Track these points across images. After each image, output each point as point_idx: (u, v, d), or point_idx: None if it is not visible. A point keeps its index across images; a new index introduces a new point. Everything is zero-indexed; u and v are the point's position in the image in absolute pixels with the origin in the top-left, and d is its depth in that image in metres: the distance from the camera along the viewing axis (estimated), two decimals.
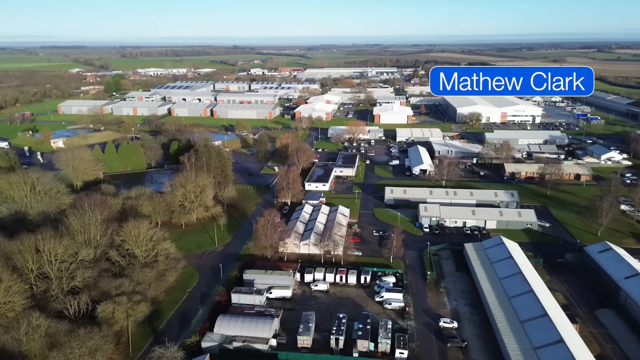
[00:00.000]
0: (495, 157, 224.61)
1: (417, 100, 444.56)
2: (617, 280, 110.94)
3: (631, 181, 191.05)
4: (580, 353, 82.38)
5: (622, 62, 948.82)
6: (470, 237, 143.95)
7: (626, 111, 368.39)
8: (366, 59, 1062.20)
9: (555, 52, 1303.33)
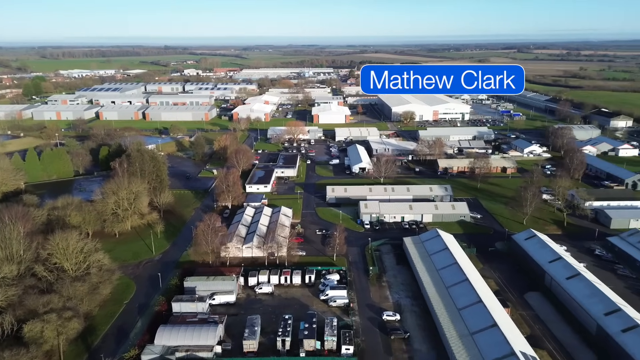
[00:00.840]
0: (429, 153, 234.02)
1: (354, 100, 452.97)
2: (542, 264, 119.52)
3: (551, 172, 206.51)
4: (512, 335, 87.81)
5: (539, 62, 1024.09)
6: (408, 231, 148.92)
7: (544, 107, 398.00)
8: (303, 59, 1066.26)
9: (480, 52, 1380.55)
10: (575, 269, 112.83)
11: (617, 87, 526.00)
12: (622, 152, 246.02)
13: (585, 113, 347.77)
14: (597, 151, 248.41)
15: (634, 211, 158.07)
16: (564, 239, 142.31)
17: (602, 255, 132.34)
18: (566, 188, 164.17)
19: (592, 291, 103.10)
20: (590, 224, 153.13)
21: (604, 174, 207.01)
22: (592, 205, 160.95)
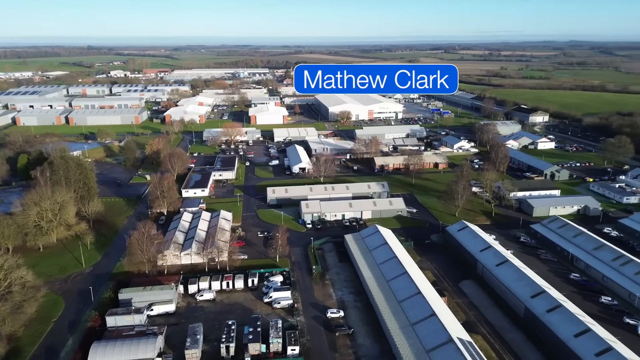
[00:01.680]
0: (366, 152, 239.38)
1: (291, 100, 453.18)
2: (474, 254, 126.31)
3: (479, 166, 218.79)
4: (449, 323, 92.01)
5: (464, 62, 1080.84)
6: (349, 228, 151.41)
7: (471, 105, 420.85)
8: (237, 59, 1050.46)
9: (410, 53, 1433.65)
10: (503, 256, 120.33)
11: (534, 85, 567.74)
12: (541, 145, 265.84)
13: (507, 110, 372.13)
14: (519, 145, 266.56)
15: (553, 199, 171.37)
16: (492, 229, 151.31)
17: (526, 241, 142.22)
18: (493, 180, 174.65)
19: (519, 276, 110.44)
20: (515, 213, 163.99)
21: (526, 166, 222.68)
22: (516, 195, 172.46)
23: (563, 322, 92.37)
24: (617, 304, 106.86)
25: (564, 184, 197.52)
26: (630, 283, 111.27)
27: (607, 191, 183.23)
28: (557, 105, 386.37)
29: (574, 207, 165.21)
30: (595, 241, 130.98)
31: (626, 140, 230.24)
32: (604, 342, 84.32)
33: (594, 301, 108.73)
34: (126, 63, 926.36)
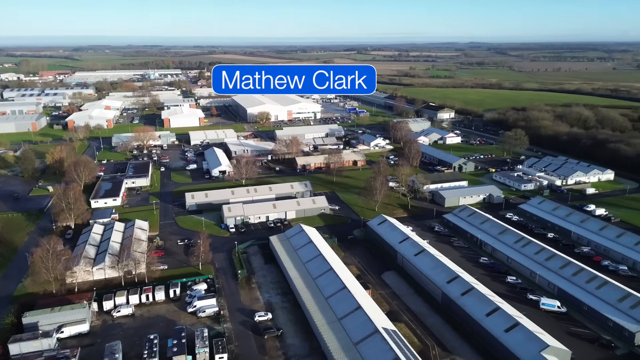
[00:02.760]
0: (287, 152, 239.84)
1: (207, 102, 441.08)
2: (393, 245, 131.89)
3: (394, 162, 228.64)
4: (374, 314, 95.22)
5: (376, 62, 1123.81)
6: (274, 229, 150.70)
7: (384, 104, 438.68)
8: (146, 60, 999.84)
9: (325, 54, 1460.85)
10: (420, 246, 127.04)
11: (440, 83, 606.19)
12: (449, 140, 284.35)
13: (417, 108, 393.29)
14: (429, 141, 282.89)
15: (462, 190, 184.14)
16: (409, 220, 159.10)
17: (440, 230, 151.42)
18: (407, 175, 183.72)
19: (435, 264, 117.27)
20: (429, 205, 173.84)
21: (436, 160, 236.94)
22: (429, 188, 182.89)
23: (475, 303, 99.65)
24: (520, 282, 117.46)
25: (471, 175, 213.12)
26: (531, 262, 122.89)
27: (507, 180, 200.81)
28: (461, 102, 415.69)
29: (480, 196, 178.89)
30: (500, 226, 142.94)
31: (521, 133, 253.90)
32: (512, 319, 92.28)
33: (501, 281, 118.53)
34: (19, 65, 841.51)
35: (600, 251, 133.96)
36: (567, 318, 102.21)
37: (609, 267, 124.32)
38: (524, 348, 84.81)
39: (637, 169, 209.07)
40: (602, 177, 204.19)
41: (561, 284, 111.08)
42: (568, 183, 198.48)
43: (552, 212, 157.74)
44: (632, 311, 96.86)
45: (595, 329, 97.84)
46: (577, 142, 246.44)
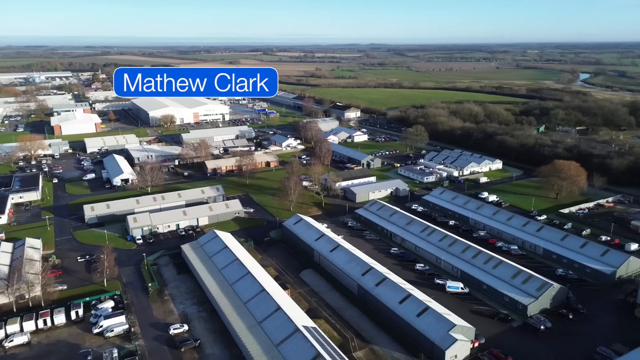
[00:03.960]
0: (195, 156, 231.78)
1: (104, 106, 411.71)
2: (310, 244, 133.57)
3: (307, 161, 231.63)
4: (294, 314, 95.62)
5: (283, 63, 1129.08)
6: (186, 237, 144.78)
7: (293, 104, 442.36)
8: (30, 62, 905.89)
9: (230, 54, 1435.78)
10: (335, 241, 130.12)
11: (345, 84, 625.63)
12: (357, 138, 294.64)
13: (325, 107, 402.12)
14: (338, 139, 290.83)
15: (371, 185, 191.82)
16: (324, 218, 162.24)
17: (353, 225, 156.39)
18: (320, 174, 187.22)
19: (350, 258, 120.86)
20: (341, 201, 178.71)
21: (346, 158, 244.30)
22: (340, 185, 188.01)
23: (389, 292, 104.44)
24: (428, 269, 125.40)
25: (378, 171, 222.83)
26: (436, 249, 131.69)
27: (411, 174, 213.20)
28: (366, 101, 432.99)
29: (388, 190, 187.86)
30: (407, 217, 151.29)
31: (421, 129, 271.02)
32: (422, 303, 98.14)
33: (410, 269, 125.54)
34: None
35: (494, 234, 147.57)
36: (469, 298, 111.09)
37: (502, 248, 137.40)
38: (434, 330, 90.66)
39: (520, 158, 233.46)
40: (492, 166, 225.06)
41: (463, 267, 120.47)
42: (464, 174, 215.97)
43: (452, 201, 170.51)
44: (523, 286, 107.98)
45: (494, 305, 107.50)
46: (469, 136, 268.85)
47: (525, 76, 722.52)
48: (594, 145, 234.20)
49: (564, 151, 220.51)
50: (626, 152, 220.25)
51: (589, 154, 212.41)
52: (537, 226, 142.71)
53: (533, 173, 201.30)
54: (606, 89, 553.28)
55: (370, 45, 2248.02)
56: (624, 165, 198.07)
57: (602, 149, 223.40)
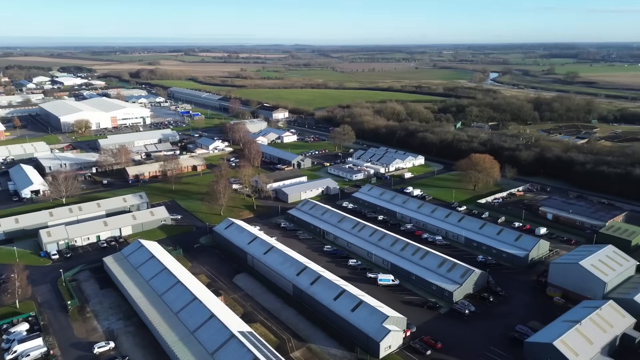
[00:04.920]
0: (115, 162, 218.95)
1: (7, 112, 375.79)
2: (242, 247, 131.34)
3: (235, 164, 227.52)
4: (228, 320, 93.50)
5: (206, 64, 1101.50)
6: (108, 249, 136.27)
7: (219, 106, 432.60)
8: None
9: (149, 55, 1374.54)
10: (269, 243, 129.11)
11: (272, 84, 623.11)
12: (286, 139, 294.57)
13: (252, 109, 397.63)
14: (268, 140, 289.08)
15: (302, 185, 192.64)
16: (256, 220, 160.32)
17: (286, 226, 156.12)
18: (250, 176, 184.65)
19: (284, 259, 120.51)
20: (274, 203, 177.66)
21: (276, 159, 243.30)
22: (272, 186, 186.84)
23: (323, 290, 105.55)
24: (360, 264, 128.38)
25: (309, 170, 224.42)
26: (367, 244, 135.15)
27: (340, 172, 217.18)
28: (293, 102, 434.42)
29: (319, 189, 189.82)
30: (338, 215, 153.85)
31: (348, 128, 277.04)
32: (356, 298, 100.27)
33: (344, 265, 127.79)
34: None
35: (420, 226, 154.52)
36: (400, 289, 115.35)
37: (428, 239, 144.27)
38: (368, 323, 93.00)
39: (441, 153, 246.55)
40: (415, 162, 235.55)
41: (393, 260, 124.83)
42: (390, 170, 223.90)
43: (380, 197, 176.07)
44: (449, 274, 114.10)
45: (423, 294, 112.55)
46: (393, 134, 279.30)
47: (442, 76, 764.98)
48: (504, 139, 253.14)
49: (479, 145, 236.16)
50: (532, 144, 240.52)
51: (500, 147, 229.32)
52: (458, 217, 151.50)
53: (452, 167, 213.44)
54: (513, 86, 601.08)
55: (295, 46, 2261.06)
56: (531, 157, 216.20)
57: (512, 142, 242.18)
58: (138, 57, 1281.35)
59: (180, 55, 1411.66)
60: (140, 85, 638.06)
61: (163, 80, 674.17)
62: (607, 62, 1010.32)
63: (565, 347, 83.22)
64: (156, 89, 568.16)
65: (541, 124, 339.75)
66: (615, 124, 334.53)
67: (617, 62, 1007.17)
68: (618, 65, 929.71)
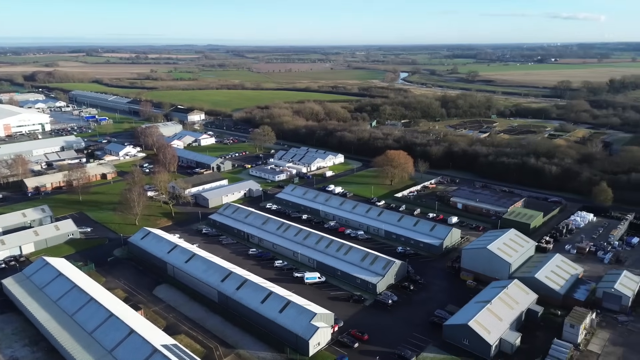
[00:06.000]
0: (10, 174, 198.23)
1: None
2: (161, 257, 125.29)
3: (150, 170, 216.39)
4: (150, 334, 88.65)
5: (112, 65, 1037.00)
6: (8, 270, 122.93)
7: (128, 109, 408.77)
8: None
9: (46, 56, 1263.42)
10: (190, 251, 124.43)
11: (185, 86, 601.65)
12: (203, 142, 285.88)
13: (166, 111, 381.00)
14: (184, 144, 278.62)
15: (223, 189, 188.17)
16: (175, 228, 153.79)
17: (208, 232, 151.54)
18: (166, 182, 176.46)
19: (207, 266, 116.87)
20: (193, 209, 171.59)
21: (194, 163, 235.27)
22: (190, 191, 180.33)
23: (250, 294, 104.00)
24: (287, 264, 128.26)
25: (229, 173, 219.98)
26: (292, 244, 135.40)
27: (263, 173, 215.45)
28: (209, 103, 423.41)
29: (241, 192, 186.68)
30: (262, 217, 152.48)
31: (268, 129, 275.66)
32: (284, 299, 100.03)
33: (270, 267, 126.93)
34: None
35: (343, 222, 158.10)
36: (326, 285, 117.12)
37: (351, 235, 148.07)
38: (296, 322, 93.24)
39: (359, 151, 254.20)
40: (335, 161, 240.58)
41: (318, 257, 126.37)
42: (312, 169, 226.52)
43: (303, 196, 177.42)
44: (371, 266, 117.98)
45: (348, 288, 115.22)
46: (313, 133, 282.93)
47: (356, 76, 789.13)
48: (416, 136, 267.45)
49: (394, 142, 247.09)
50: (441, 139, 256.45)
51: (413, 143, 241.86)
52: (378, 211, 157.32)
53: (370, 164, 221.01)
54: (422, 85, 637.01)
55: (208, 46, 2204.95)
56: (441, 151, 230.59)
57: (423, 138, 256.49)
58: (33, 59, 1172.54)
59: (82, 55, 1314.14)
60: (37, 89, 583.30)
61: (63, 83, 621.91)
62: (502, 61, 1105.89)
63: (478, 326, 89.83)
64: (55, 92, 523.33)
65: (448, 120, 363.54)
66: (512, 118, 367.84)
67: (510, 61, 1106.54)
68: (512, 64, 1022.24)
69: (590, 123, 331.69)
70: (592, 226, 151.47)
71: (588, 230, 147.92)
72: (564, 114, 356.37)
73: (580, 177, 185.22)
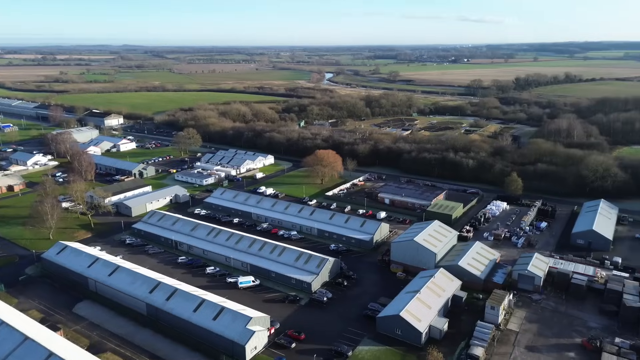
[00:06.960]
0: None
1: None
2: (81, 272, 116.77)
3: (63, 179, 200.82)
4: (71, 356, 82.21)
5: (15, 67, 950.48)
6: None
7: (36, 115, 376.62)
8: None
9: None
10: (113, 264, 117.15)
11: (100, 88, 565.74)
12: (123, 147, 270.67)
13: (79, 116, 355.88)
14: (101, 150, 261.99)
15: (147, 196, 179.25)
16: (95, 240, 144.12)
17: (132, 242, 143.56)
18: (83, 191, 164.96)
19: (133, 278, 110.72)
20: (115, 218, 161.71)
21: (114, 170, 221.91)
22: (111, 200, 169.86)
23: (181, 303, 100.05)
24: (219, 270, 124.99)
25: (153, 179, 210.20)
26: (224, 249, 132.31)
27: (189, 178, 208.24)
28: (128, 106, 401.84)
29: (167, 198, 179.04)
30: (191, 223, 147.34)
31: (193, 131, 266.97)
32: (217, 306, 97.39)
33: (201, 274, 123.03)
34: None
35: (276, 224, 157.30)
36: (261, 288, 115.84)
37: (284, 235, 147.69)
38: (232, 328, 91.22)
39: (288, 151, 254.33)
40: (265, 162, 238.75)
41: (252, 261, 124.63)
42: (241, 172, 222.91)
43: (234, 199, 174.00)
44: (306, 266, 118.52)
45: (284, 289, 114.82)
46: (241, 135, 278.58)
47: (282, 76, 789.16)
48: (344, 135, 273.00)
49: (322, 142, 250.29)
50: (367, 138, 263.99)
51: (341, 142, 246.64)
52: (310, 210, 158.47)
53: (300, 164, 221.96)
54: (346, 86, 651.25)
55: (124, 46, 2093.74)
56: (367, 150, 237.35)
57: (350, 137, 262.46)
58: None
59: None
60: None
61: None
62: (420, 62, 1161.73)
63: (409, 316, 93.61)
64: None
65: (373, 119, 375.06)
66: (431, 116, 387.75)
67: (428, 62, 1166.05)
68: (429, 64, 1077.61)
69: (501, 119, 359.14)
70: (506, 214, 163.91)
71: (503, 218, 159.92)
72: (478, 111, 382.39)
73: (493, 169, 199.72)
